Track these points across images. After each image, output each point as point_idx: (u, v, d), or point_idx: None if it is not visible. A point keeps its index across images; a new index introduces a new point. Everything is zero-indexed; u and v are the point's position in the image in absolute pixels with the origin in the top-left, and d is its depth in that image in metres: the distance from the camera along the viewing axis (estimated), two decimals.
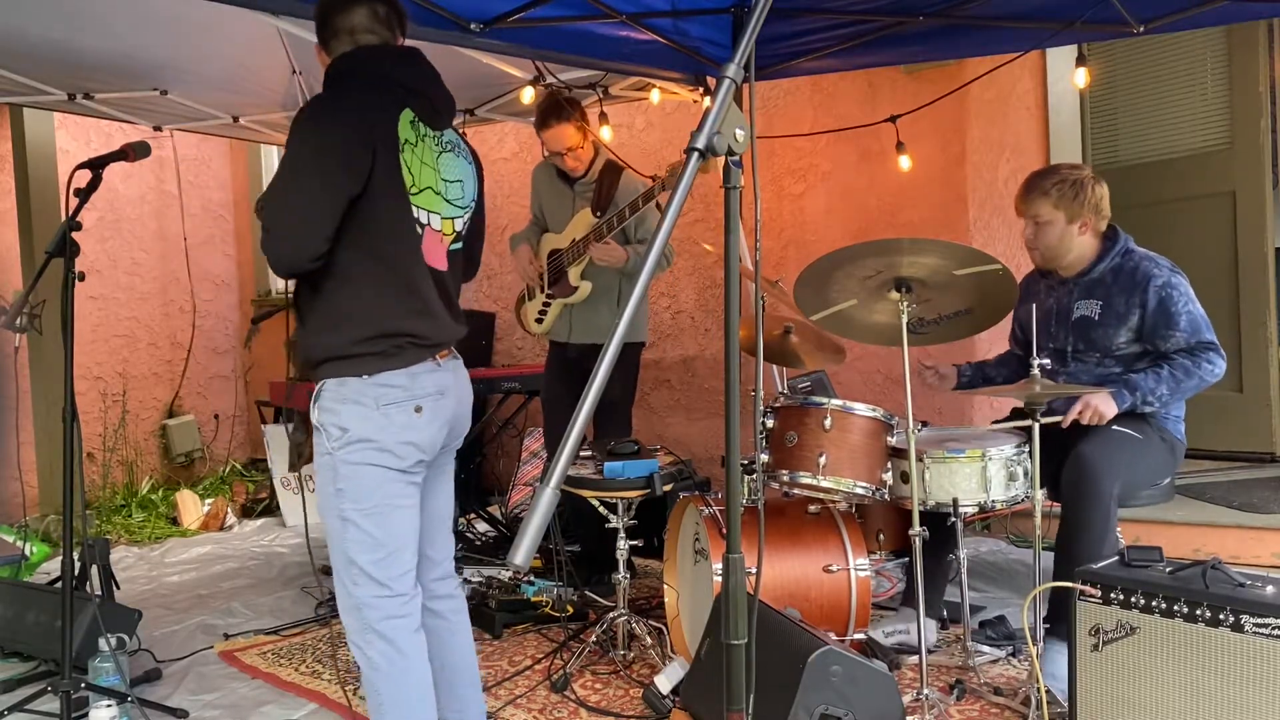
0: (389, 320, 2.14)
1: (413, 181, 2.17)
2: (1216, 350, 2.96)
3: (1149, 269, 3.01)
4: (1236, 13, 3.27)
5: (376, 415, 2.12)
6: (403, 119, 2.18)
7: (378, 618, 2.15)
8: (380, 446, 2.13)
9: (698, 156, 1.25)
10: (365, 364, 2.12)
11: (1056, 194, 3.06)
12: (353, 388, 2.12)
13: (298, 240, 2.08)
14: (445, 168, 2.28)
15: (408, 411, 2.15)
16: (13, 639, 3.41)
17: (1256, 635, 2.06)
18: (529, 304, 4.11)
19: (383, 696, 2.17)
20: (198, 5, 2.96)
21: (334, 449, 2.14)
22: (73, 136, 5.98)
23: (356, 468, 2.13)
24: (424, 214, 2.20)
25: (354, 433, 2.12)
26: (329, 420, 2.14)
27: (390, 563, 2.17)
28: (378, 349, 2.12)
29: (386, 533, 2.16)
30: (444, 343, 2.25)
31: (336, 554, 2.18)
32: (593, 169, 3.94)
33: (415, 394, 2.16)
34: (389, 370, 2.13)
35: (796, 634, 2.40)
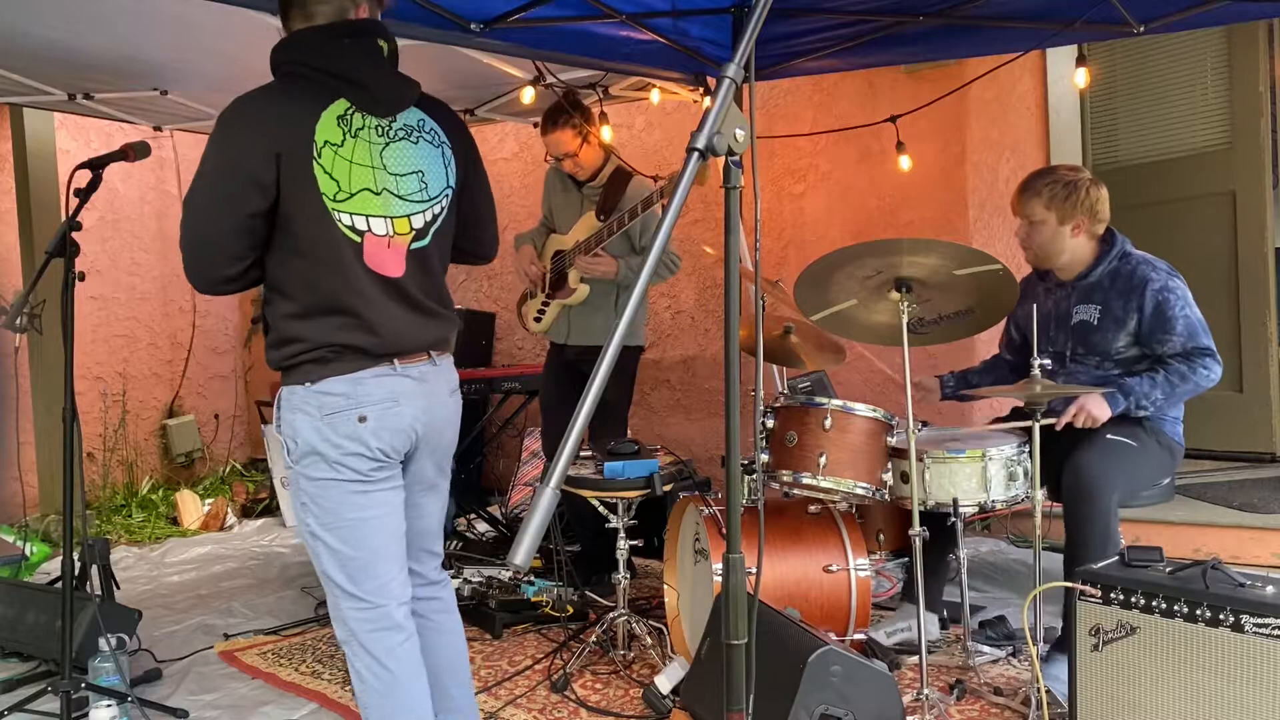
0: (321, 334, 2.04)
1: (337, 188, 2.01)
2: (1213, 356, 2.95)
3: (1146, 272, 3.01)
4: (1236, 13, 3.27)
5: (321, 425, 2.03)
6: (325, 118, 2.01)
7: (361, 630, 2.10)
8: (327, 459, 2.04)
9: (698, 156, 1.25)
10: (307, 372, 2.04)
11: (1048, 194, 3.07)
12: (299, 397, 2.05)
13: (200, 261, 2.02)
14: (394, 160, 2.09)
15: (351, 421, 2.03)
16: (13, 639, 3.41)
17: (1256, 635, 2.06)
18: (530, 302, 4.12)
19: (370, 711, 2.13)
20: (198, 5, 2.96)
21: (292, 463, 2.08)
22: (73, 136, 5.98)
23: (315, 483, 2.07)
24: (360, 219, 2.03)
25: (303, 444, 2.05)
26: (286, 433, 2.08)
27: (363, 576, 2.09)
28: (316, 356, 2.04)
29: (354, 547, 2.09)
30: (398, 350, 2.10)
31: (317, 568, 2.14)
32: (601, 174, 3.94)
33: (359, 401, 2.04)
34: (330, 377, 2.03)
35: (796, 634, 2.40)
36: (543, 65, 4.21)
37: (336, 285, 2.03)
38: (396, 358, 2.09)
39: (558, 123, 3.81)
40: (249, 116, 2.01)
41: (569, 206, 4.02)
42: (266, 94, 2.04)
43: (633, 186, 3.89)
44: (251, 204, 1.97)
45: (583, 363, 3.97)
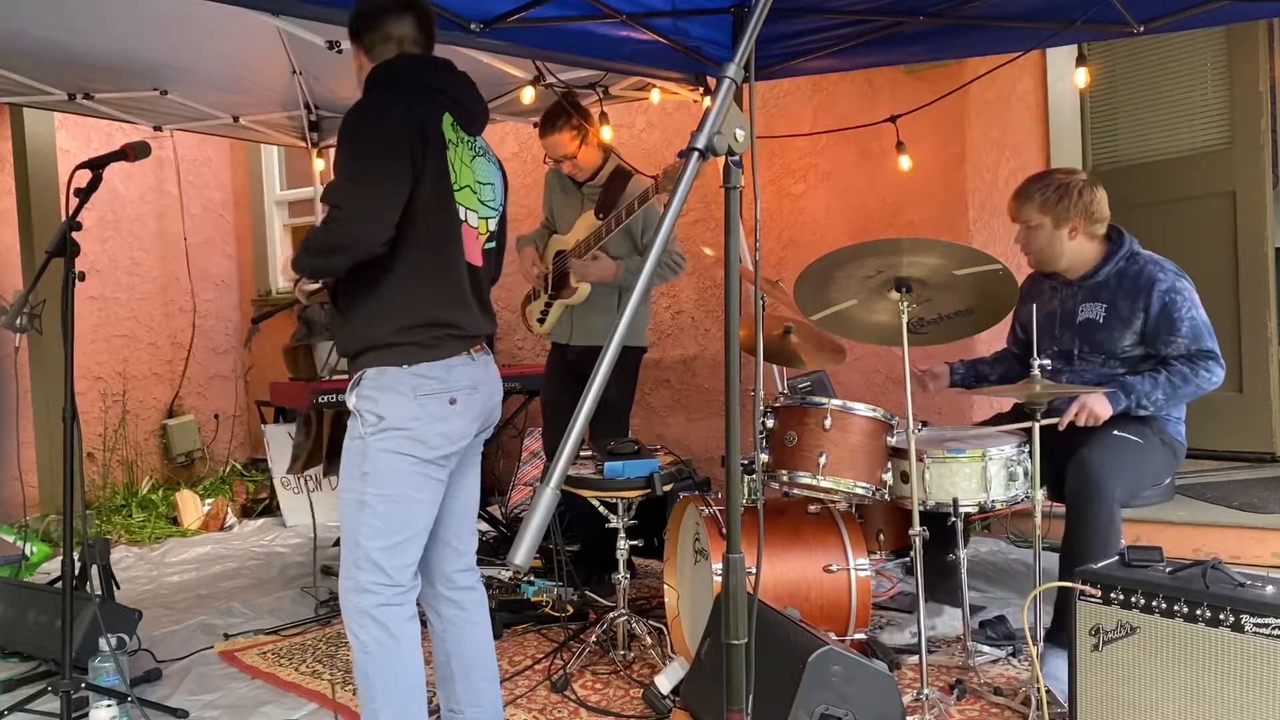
0: (431, 311, 2.21)
1: (455, 178, 2.26)
2: (1216, 359, 2.96)
3: (1154, 273, 3.01)
4: (1236, 13, 3.27)
5: (413, 405, 2.18)
6: (445, 121, 2.27)
7: (374, 604, 2.20)
8: (413, 436, 2.19)
9: (698, 156, 1.25)
10: (406, 354, 2.19)
11: (1040, 198, 3.08)
12: (392, 376, 2.19)
13: (371, 222, 2.12)
14: (479, 170, 2.37)
15: (442, 403, 2.21)
16: (13, 639, 3.41)
17: (1256, 635, 2.06)
18: (533, 304, 4.12)
19: (373, 681, 2.20)
20: (198, 5, 2.96)
21: (367, 434, 2.19)
22: (73, 136, 5.98)
23: (387, 455, 2.19)
24: (463, 210, 2.29)
25: (389, 420, 2.18)
26: (366, 407, 2.20)
27: (397, 552, 2.22)
28: (417, 339, 2.19)
29: (401, 521, 2.22)
30: (478, 336, 2.32)
31: (347, 537, 2.24)
32: (601, 174, 3.94)
33: (450, 386, 2.23)
34: (427, 361, 2.20)
35: (796, 634, 2.40)
36: (543, 65, 4.21)
37: (445, 268, 2.25)
38: (473, 346, 2.30)
39: (556, 125, 3.81)
40: (393, 101, 2.22)
41: (569, 207, 4.03)
42: (401, 94, 2.24)
43: (632, 185, 3.88)
44: (409, 172, 2.16)
45: (584, 363, 3.98)
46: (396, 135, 2.16)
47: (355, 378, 2.25)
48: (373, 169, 2.15)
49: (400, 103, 2.22)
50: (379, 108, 2.22)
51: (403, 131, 2.17)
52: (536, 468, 5.37)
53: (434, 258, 2.23)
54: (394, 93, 2.25)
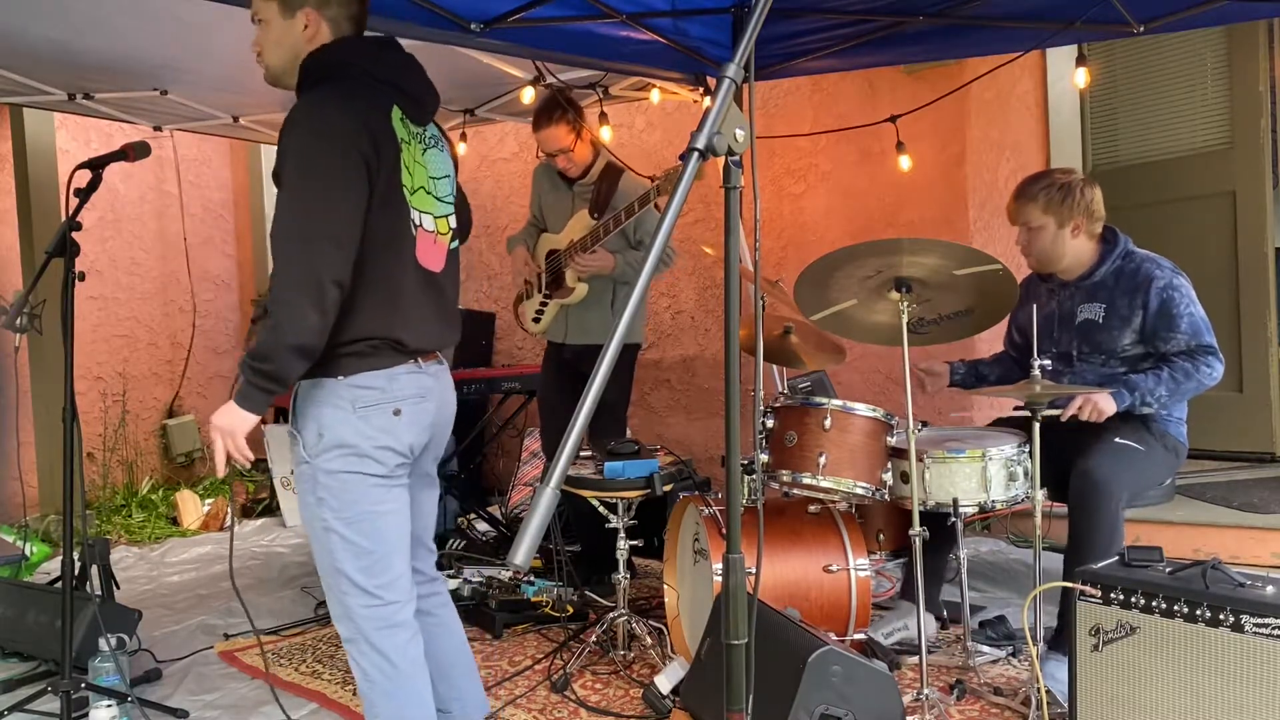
0: (371, 328, 2.05)
1: (411, 182, 2.11)
2: (1216, 354, 2.96)
3: (1151, 270, 3.01)
4: (1236, 13, 3.26)
5: (353, 418, 2.04)
6: (393, 117, 2.10)
7: (370, 628, 2.11)
8: (358, 452, 2.05)
9: (698, 156, 1.25)
10: (341, 365, 2.04)
11: (1044, 199, 3.07)
12: (328, 389, 2.05)
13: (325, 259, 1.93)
14: (432, 164, 2.21)
15: (386, 414, 2.07)
16: (13, 639, 3.41)
17: (1256, 635, 2.06)
18: (526, 303, 4.11)
19: (377, 708, 2.13)
20: (198, 5, 2.96)
21: (311, 457, 2.07)
22: (73, 136, 5.98)
23: (336, 475, 2.06)
24: (418, 215, 2.14)
25: (330, 437, 2.05)
26: (305, 425, 2.07)
27: (378, 570, 2.11)
28: (353, 350, 2.05)
29: (372, 540, 2.10)
30: (426, 349, 2.17)
31: (323, 565, 2.13)
32: (592, 171, 3.93)
33: (394, 396, 2.08)
34: (366, 371, 2.05)
35: (796, 634, 2.40)
36: (543, 65, 4.21)
37: (389, 277, 2.07)
38: (420, 356, 2.15)
39: (552, 118, 3.79)
40: (345, 105, 2.02)
41: (560, 205, 4.01)
42: (343, 88, 2.06)
43: (624, 182, 3.88)
44: (365, 186, 1.99)
45: (581, 361, 3.97)
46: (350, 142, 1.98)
47: (292, 395, 2.11)
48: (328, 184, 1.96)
49: (350, 105, 2.02)
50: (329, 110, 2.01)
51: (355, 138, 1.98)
52: (536, 468, 5.37)
53: (373, 274, 2.04)
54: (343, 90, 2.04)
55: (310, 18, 2.11)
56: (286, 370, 1.96)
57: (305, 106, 2.05)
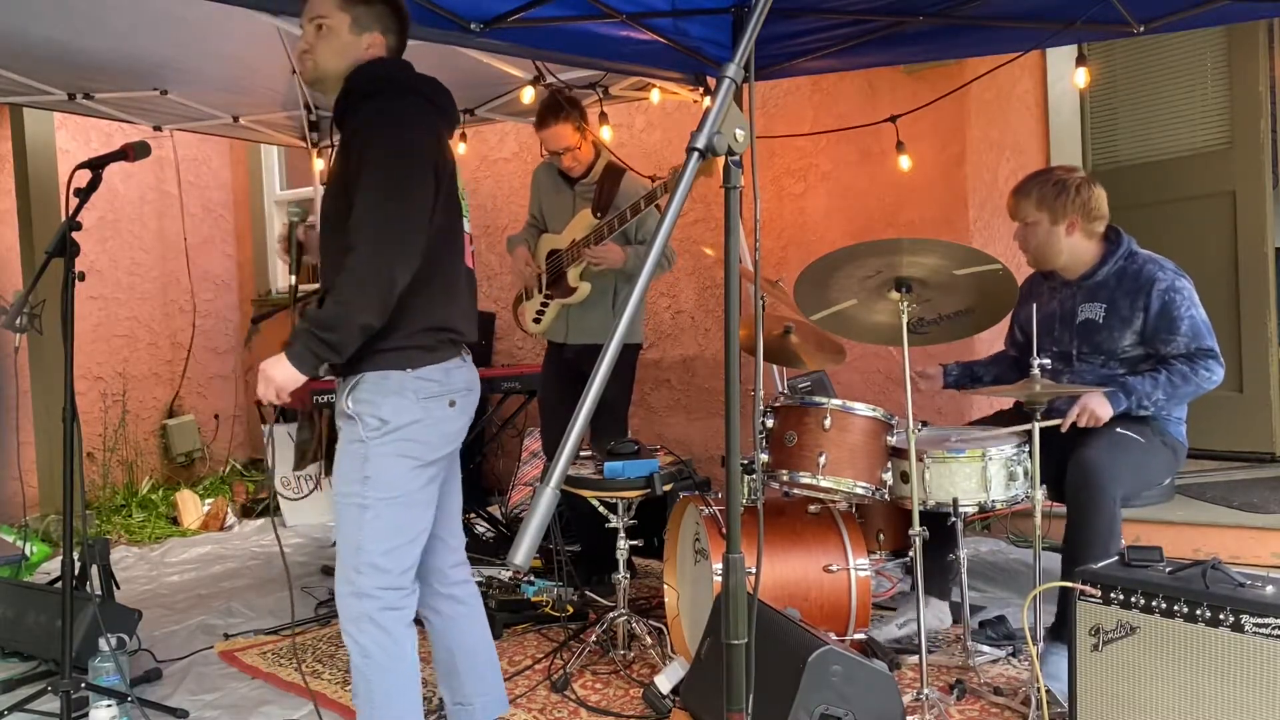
0: (438, 317, 2.22)
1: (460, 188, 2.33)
2: (1216, 358, 2.96)
3: (1153, 272, 3.01)
4: (1236, 13, 3.27)
5: (417, 408, 2.18)
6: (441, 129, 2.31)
7: (377, 608, 2.18)
8: (417, 439, 2.19)
9: (698, 156, 1.25)
10: (408, 358, 2.18)
11: (1038, 195, 3.08)
12: (395, 381, 2.18)
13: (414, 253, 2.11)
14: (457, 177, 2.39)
15: (443, 405, 2.23)
16: (13, 639, 3.41)
17: (1256, 635, 2.06)
18: (526, 304, 4.11)
19: (373, 685, 2.19)
20: (198, 5, 2.96)
21: (369, 438, 2.18)
22: (73, 136, 5.98)
23: (389, 459, 2.18)
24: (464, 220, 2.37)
25: (393, 424, 2.17)
26: (367, 411, 2.18)
27: (400, 555, 2.21)
28: (421, 343, 2.19)
29: (405, 524, 2.21)
30: (472, 340, 2.34)
31: (346, 541, 2.21)
32: (593, 171, 3.93)
33: (449, 389, 2.24)
34: (428, 365, 2.20)
35: (796, 634, 2.40)
36: (543, 65, 4.21)
37: (449, 275, 2.27)
38: (467, 349, 2.33)
39: (559, 116, 3.79)
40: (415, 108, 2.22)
41: (561, 205, 4.01)
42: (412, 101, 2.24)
43: (626, 182, 3.88)
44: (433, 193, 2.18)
45: (582, 361, 3.97)
46: (427, 144, 2.18)
47: (350, 381, 2.21)
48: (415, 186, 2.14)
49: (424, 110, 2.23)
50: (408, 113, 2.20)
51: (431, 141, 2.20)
52: (536, 468, 5.37)
53: (443, 265, 2.23)
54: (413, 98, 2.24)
55: (375, 40, 2.29)
56: (347, 344, 2.10)
57: (387, 112, 2.18)
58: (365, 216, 2.10)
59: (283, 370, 2.11)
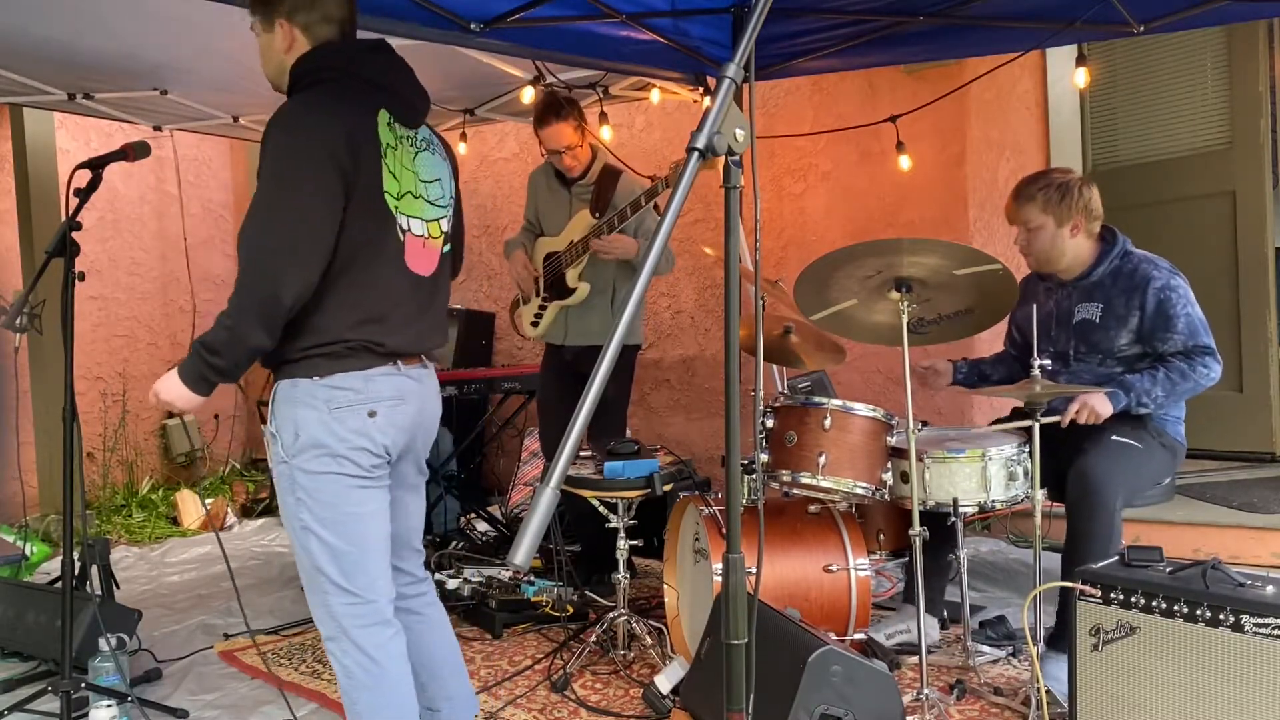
0: (348, 326, 2.06)
1: (398, 188, 2.10)
2: (1213, 355, 2.96)
3: (1149, 271, 3.01)
4: (1236, 13, 3.27)
5: (328, 419, 2.05)
6: (380, 122, 2.09)
7: (351, 626, 2.11)
8: (332, 452, 2.06)
9: (698, 156, 1.25)
10: (315, 366, 2.05)
11: (1043, 198, 3.07)
12: (304, 389, 2.06)
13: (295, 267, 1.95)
14: (422, 168, 2.20)
15: (360, 415, 2.07)
16: (13, 639, 3.41)
17: (1256, 635, 2.06)
18: (524, 308, 4.10)
19: (358, 704, 2.14)
20: (198, 5, 2.96)
21: (288, 457, 2.07)
22: (73, 136, 5.98)
23: (313, 476, 2.07)
24: (405, 220, 2.13)
25: (305, 437, 2.05)
26: (283, 425, 2.08)
27: (357, 571, 2.11)
28: (328, 351, 2.05)
29: (349, 542, 2.10)
30: (407, 352, 2.16)
31: (303, 564, 2.14)
32: (591, 171, 3.93)
33: (369, 397, 2.08)
34: (341, 372, 2.06)
35: (796, 634, 2.40)
36: (543, 65, 4.21)
37: (370, 282, 2.08)
38: (400, 358, 2.14)
39: (560, 114, 3.78)
40: (321, 110, 2.03)
41: (558, 207, 4.01)
42: (326, 93, 2.07)
43: (623, 183, 3.88)
44: (340, 196, 2.00)
45: (581, 362, 3.97)
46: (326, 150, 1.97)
47: (270, 395, 2.12)
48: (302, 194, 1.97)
49: (329, 110, 2.03)
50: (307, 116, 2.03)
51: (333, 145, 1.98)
52: (536, 468, 5.37)
53: (356, 279, 2.05)
54: (324, 96, 2.06)
55: (284, 28, 2.13)
56: (237, 366, 2.02)
57: (282, 114, 2.05)
58: (247, 233, 1.99)
59: (172, 389, 2.03)
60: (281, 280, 1.95)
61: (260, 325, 1.98)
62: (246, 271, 1.99)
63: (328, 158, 1.98)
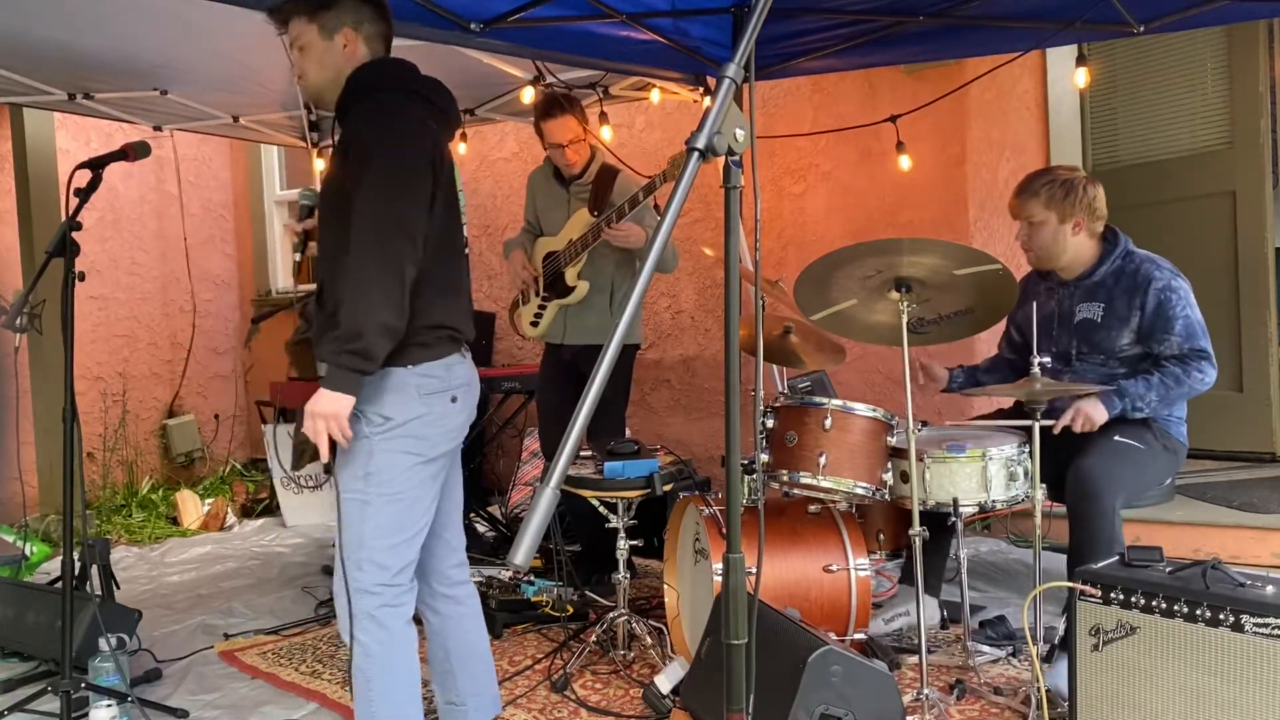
0: (437, 315, 2.22)
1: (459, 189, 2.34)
2: (1209, 359, 2.95)
3: (1150, 271, 3.01)
4: (1236, 13, 3.27)
5: (418, 404, 2.20)
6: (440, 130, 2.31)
7: (376, 604, 2.20)
8: (419, 435, 2.21)
9: (698, 156, 1.25)
10: (408, 355, 2.18)
11: (1046, 194, 3.07)
12: (397, 377, 2.18)
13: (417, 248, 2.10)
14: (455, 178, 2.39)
15: (445, 401, 2.24)
16: (13, 639, 3.41)
17: (1256, 635, 2.06)
18: (524, 308, 4.10)
19: (372, 682, 2.21)
20: (198, 5, 2.96)
21: (373, 434, 2.18)
22: (73, 136, 5.98)
23: (392, 455, 2.19)
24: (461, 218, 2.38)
25: (396, 420, 2.18)
26: (371, 408, 2.18)
27: (400, 551, 2.22)
28: (420, 340, 2.19)
29: (406, 520, 2.23)
30: (470, 338, 2.35)
31: (348, 537, 2.21)
32: (589, 170, 3.93)
33: (450, 384, 2.25)
34: (429, 361, 2.21)
35: (796, 634, 2.40)
36: (543, 65, 4.21)
37: (448, 273, 2.27)
38: (466, 346, 2.34)
39: (563, 108, 3.79)
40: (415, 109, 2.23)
41: (557, 207, 4.01)
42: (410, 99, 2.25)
43: (621, 181, 3.87)
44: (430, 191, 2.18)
45: (581, 362, 3.97)
46: (426, 146, 2.18)
47: None
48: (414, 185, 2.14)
49: (420, 112, 2.23)
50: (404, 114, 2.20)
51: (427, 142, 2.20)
52: (536, 468, 5.37)
53: (442, 263, 2.23)
54: (409, 103, 2.24)
55: (349, 37, 2.28)
56: (376, 348, 2.07)
57: (384, 109, 2.19)
58: (368, 214, 2.09)
59: (328, 402, 2.07)
60: (404, 259, 2.08)
61: (393, 303, 2.06)
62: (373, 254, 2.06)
63: (426, 153, 2.18)
